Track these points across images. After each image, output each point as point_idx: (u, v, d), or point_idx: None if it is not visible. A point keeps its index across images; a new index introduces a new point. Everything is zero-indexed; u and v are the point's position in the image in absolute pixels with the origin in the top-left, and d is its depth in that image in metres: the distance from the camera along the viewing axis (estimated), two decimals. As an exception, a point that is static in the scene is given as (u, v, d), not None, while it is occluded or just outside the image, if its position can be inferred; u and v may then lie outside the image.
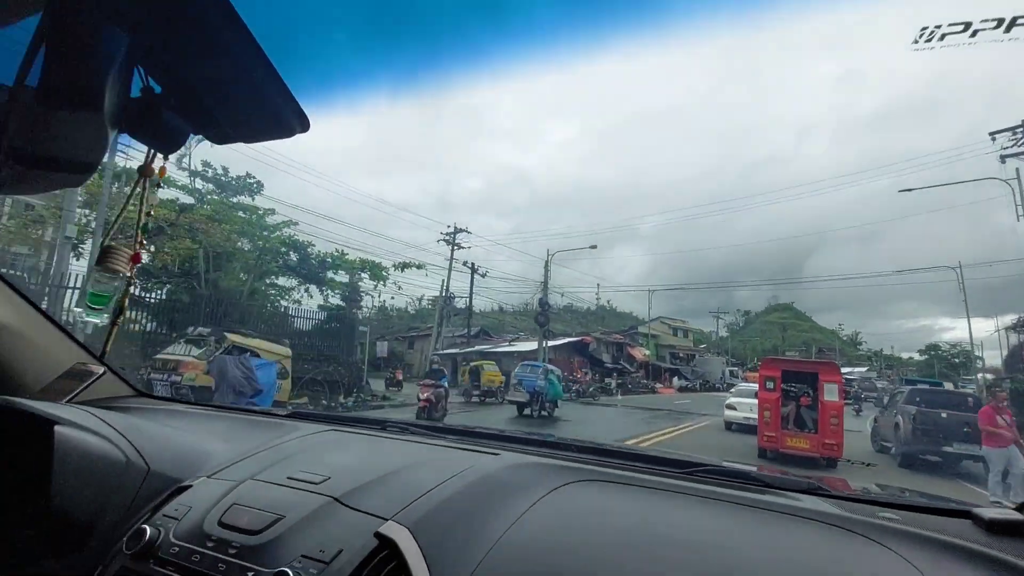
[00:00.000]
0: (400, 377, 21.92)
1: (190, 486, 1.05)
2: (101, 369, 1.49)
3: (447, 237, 34.96)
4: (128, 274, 0.78)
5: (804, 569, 0.79)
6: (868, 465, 9.15)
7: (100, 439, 1.04)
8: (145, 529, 0.91)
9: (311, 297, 22.11)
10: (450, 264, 34.87)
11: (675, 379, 40.32)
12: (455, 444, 1.30)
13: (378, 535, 0.83)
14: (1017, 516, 0.89)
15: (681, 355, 49.63)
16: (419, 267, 27.25)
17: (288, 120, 0.63)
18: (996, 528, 0.87)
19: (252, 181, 19.88)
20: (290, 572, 0.77)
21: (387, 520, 0.87)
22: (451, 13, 0.98)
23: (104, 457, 1.02)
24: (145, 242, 0.71)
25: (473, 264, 36.26)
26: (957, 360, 71.11)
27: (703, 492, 1.02)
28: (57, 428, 0.96)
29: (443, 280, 35.58)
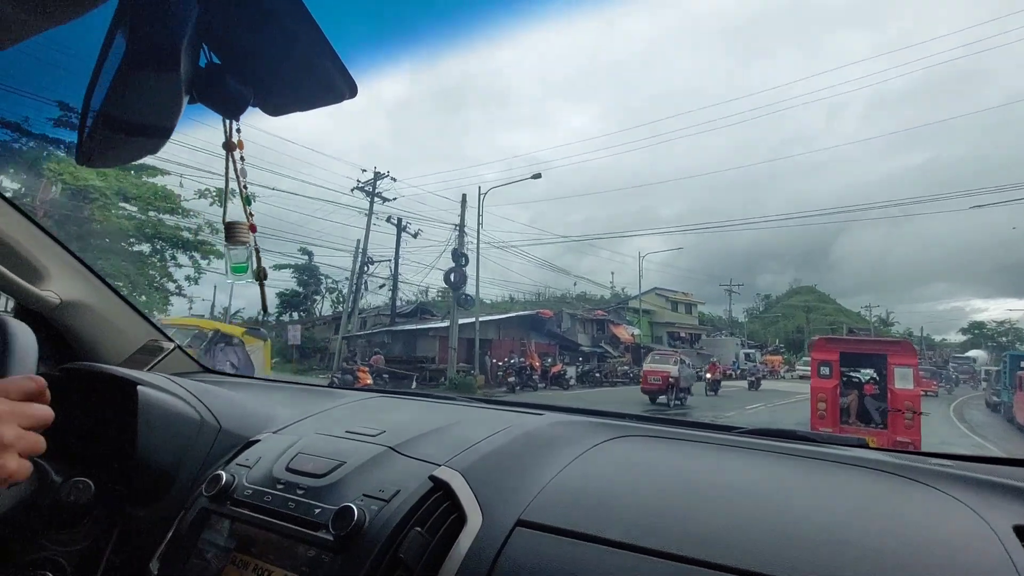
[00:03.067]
0: (365, 379, 15.59)
1: (258, 440, 1.14)
2: (171, 345, 1.68)
3: (365, 186, 26.04)
4: (253, 243, 0.83)
5: (858, 511, 0.80)
6: (922, 414, 7.51)
7: (176, 399, 1.15)
8: (221, 475, 0.99)
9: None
10: (368, 221, 26.06)
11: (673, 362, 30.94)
12: (499, 407, 1.40)
13: (432, 478, 0.88)
14: None
15: (682, 335, 40.44)
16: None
17: (338, 86, 0.65)
18: None
19: None
20: (354, 507, 0.83)
21: (440, 465, 0.93)
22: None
23: (181, 415, 1.13)
24: (252, 213, 0.78)
25: (400, 220, 26.99)
26: (1006, 339, 68.02)
27: (750, 444, 1.05)
28: (140, 388, 1.08)
29: (358, 242, 26.69)
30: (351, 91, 0.66)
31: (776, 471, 0.94)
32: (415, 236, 27.03)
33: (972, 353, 41.00)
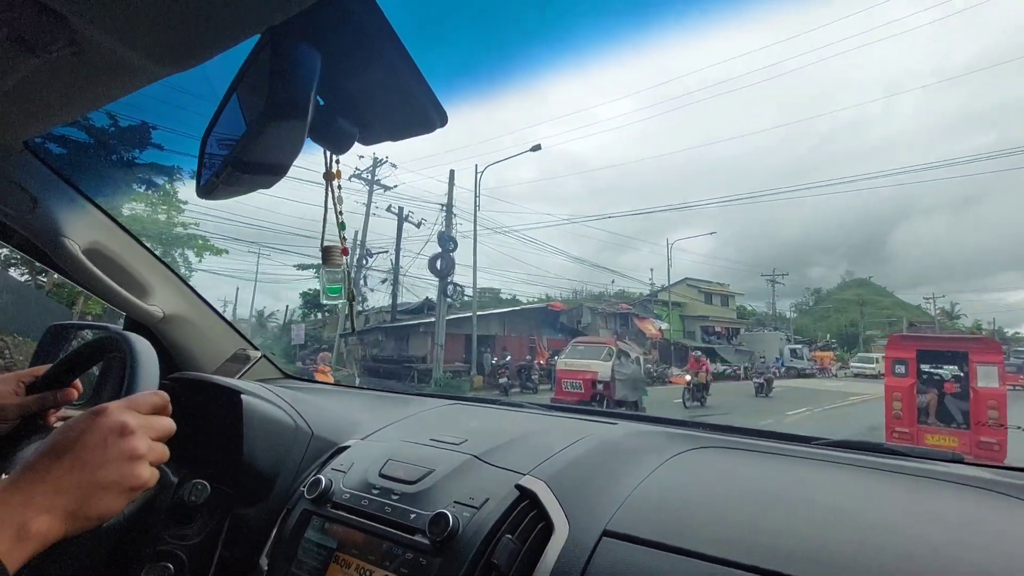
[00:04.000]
0: (324, 377, 12.17)
1: (348, 446, 1.18)
2: (258, 354, 1.76)
3: (364, 173, 24.13)
4: (345, 265, 0.90)
5: (954, 529, 0.77)
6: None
7: (273, 407, 1.22)
8: (321, 479, 1.03)
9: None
10: (367, 209, 24.11)
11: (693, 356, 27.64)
12: (572, 416, 1.40)
13: (519, 487, 0.89)
14: None
15: (718, 329, 36.71)
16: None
17: (430, 116, 0.69)
18: None
19: None
20: (448, 513, 0.84)
21: (525, 475, 0.93)
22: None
23: (278, 421, 1.20)
24: (345, 238, 0.85)
25: (401, 209, 24.87)
26: None
27: (833, 458, 1.02)
28: (244, 397, 1.15)
29: (356, 233, 24.75)
30: (442, 120, 0.69)
31: (864, 486, 0.92)
32: (418, 226, 24.90)
33: None
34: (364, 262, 25.07)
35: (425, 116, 0.68)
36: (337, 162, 0.76)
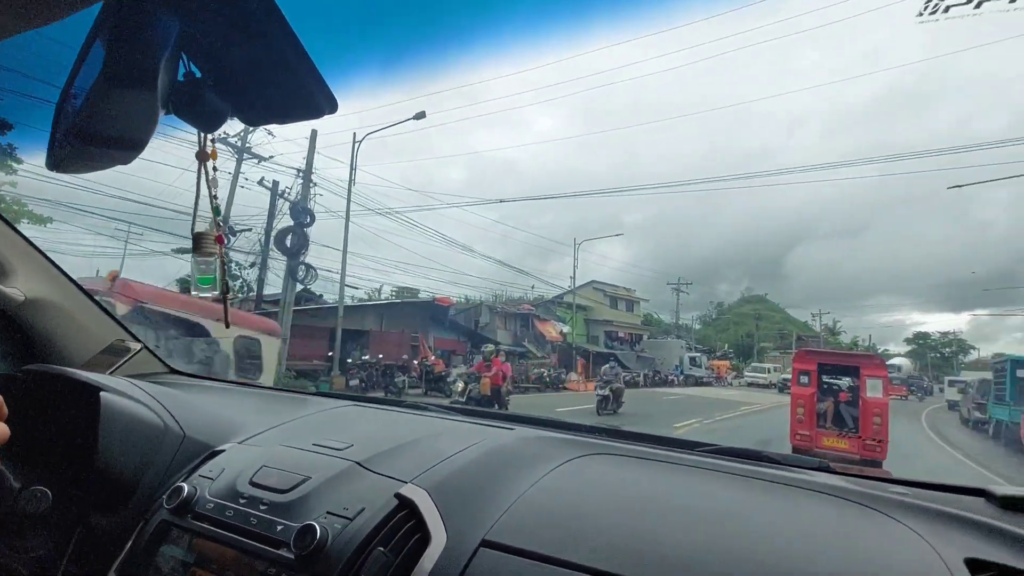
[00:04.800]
0: None
1: (223, 451, 1.12)
2: (138, 346, 1.63)
3: (233, 139, 20.13)
4: (219, 254, 0.85)
5: (815, 538, 0.81)
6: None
7: (140, 406, 1.14)
8: (183, 487, 0.97)
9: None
10: (234, 180, 20.15)
11: (605, 368, 26.24)
12: (470, 420, 1.37)
13: (398, 496, 0.87)
14: None
15: (621, 335, 35.88)
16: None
17: (318, 101, 0.66)
18: (1010, 504, 0.89)
19: None
20: (316, 525, 0.82)
21: (406, 483, 0.91)
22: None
23: (144, 422, 1.12)
24: (220, 224, 0.80)
25: (276, 184, 21.07)
26: (949, 349, 70.66)
27: (715, 466, 1.06)
28: (103, 394, 1.08)
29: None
30: (331, 107, 0.66)
31: (740, 495, 0.95)
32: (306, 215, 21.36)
33: (895, 361, 39.20)
34: (228, 240, 21.21)
35: (312, 101, 0.64)
36: (212, 142, 0.71)
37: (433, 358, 18.60)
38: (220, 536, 0.89)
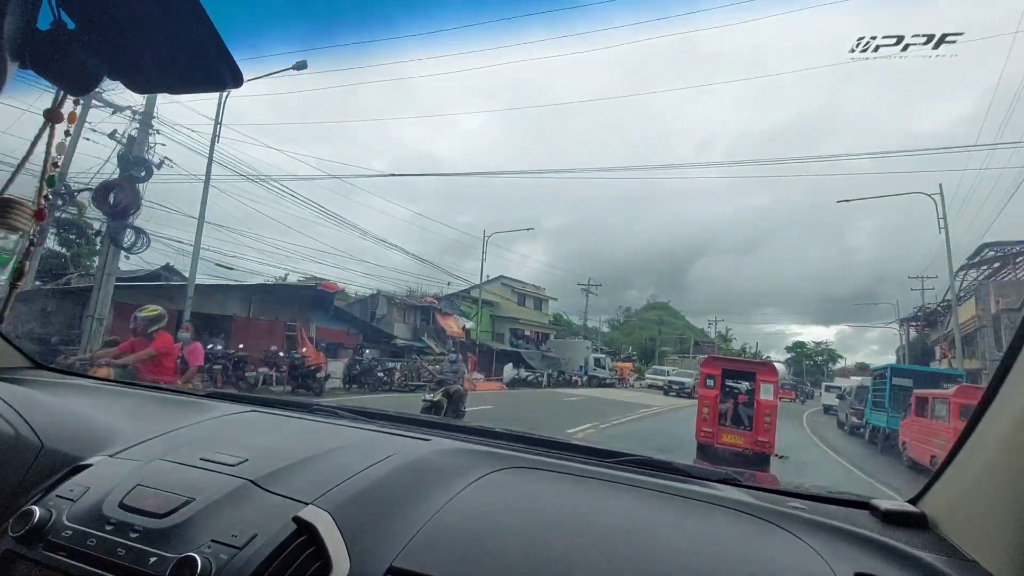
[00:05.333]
0: None
1: (89, 465, 0.98)
2: None
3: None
4: (31, 232, 0.74)
5: (717, 552, 0.84)
6: (781, 457, 9.23)
7: None
8: (33, 510, 0.84)
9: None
10: (77, 131, 16.18)
11: (508, 367, 25.03)
12: (384, 429, 1.29)
13: (296, 519, 0.79)
14: (909, 508, 0.98)
15: (528, 333, 35.03)
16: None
17: (219, 73, 0.61)
18: (890, 518, 0.96)
19: None
20: (198, 557, 0.72)
21: (307, 504, 0.84)
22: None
23: None
24: (50, 196, 0.74)
25: (132, 139, 17.21)
26: (821, 357, 77.59)
27: (628, 480, 1.07)
28: None
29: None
30: (235, 80, 0.61)
31: (651, 512, 0.96)
32: (159, 167, 17.85)
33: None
34: (59, 204, 17.28)
35: (213, 72, 0.59)
36: (77, 103, 0.63)
37: (306, 350, 16.18)
38: (77, 570, 0.76)
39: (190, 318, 13.15)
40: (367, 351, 21.71)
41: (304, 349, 16.17)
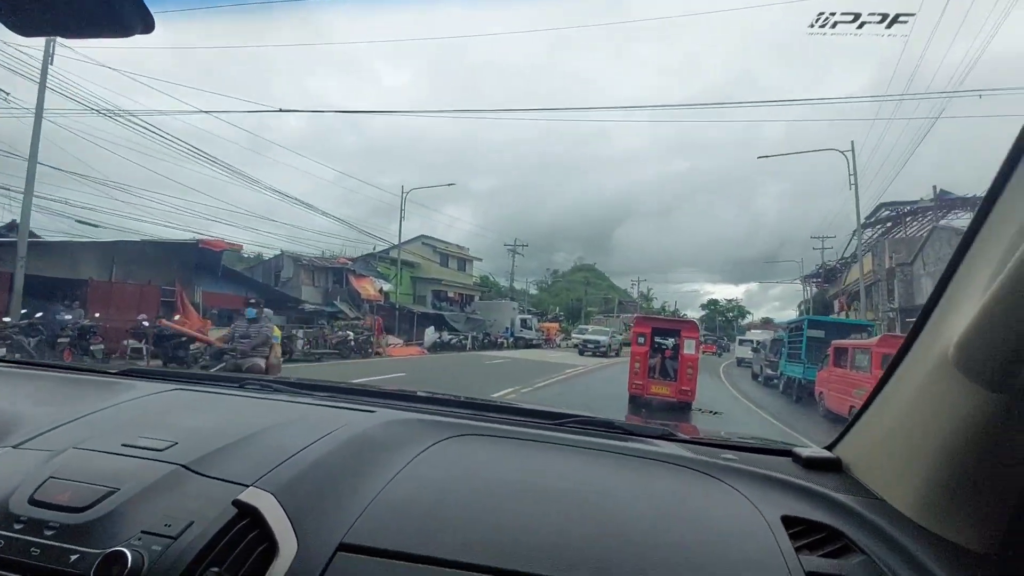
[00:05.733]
0: None
1: None
2: None
3: None
4: None
5: (658, 505, 0.89)
6: (715, 413, 9.27)
7: None
8: None
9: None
10: None
11: (429, 331, 23.62)
12: (326, 402, 1.26)
13: (237, 503, 0.74)
14: (826, 454, 1.07)
15: (451, 295, 33.68)
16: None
17: (126, 17, 0.53)
18: (810, 464, 1.05)
19: None
20: (127, 551, 0.65)
21: (248, 487, 0.79)
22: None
23: None
24: None
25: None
26: (732, 313, 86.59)
27: (572, 442, 1.10)
28: None
29: None
30: (146, 26, 0.54)
31: (595, 471, 1.00)
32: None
33: None
34: None
35: (117, 16, 0.52)
36: None
37: (179, 317, 13.88)
38: None
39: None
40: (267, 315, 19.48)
41: (177, 316, 13.85)
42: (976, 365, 0.66)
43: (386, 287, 26.84)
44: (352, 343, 18.02)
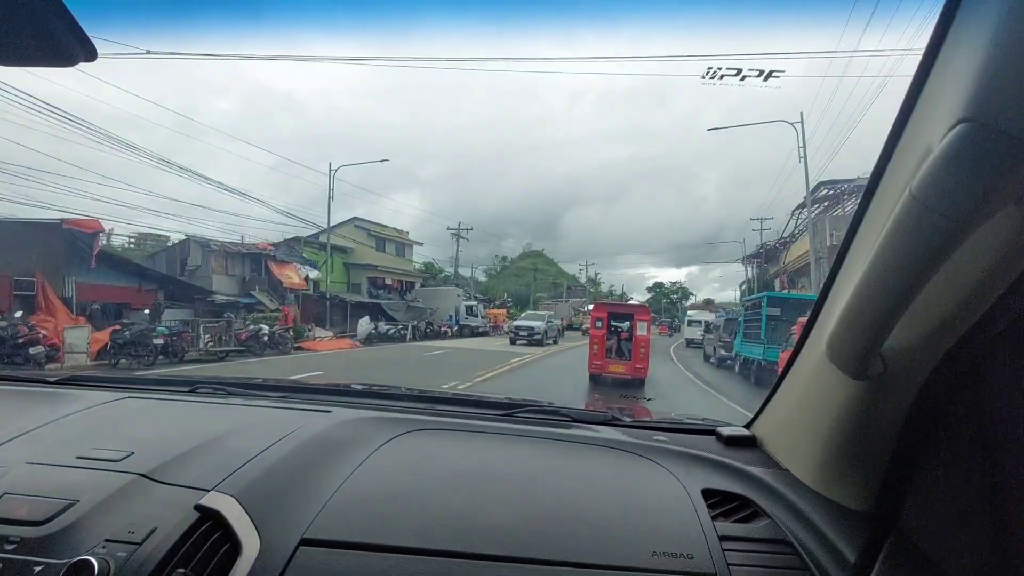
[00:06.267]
0: None
1: None
2: None
3: None
4: None
5: (596, 485, 0.97)
6: (649, 400, 8.47)
7: None
8: None
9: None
10: None
11: (363, 321, 21.49)
12: (281, 404, 1.27)
13: (199, 507, 0.77)
14: (743, 432, 1.19)
15: (389, 282, 31.40)
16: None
17: (68, 46, 0.53)
18: (730, 442, 1.16)
19: None
20: (93, 559, 0.66)
21: (208, 491, 0.81)
22: None
23: None
24: None
25: None
26: (677, 296, 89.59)
27: (519, 431, 1.17)
28: None
29: None
30: (87, 53, 0.53)
31: (541, 459, 1.06)
32: None
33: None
34: None
35: (56, 45, 0.51)
36: None
37: (41, 315, 11.28)
38: None
39: None
40: (163, 311, 16.78)
41: (40, 314, 11.24)
42: (841, 358, 0.73)
43: (313, 275, 24.28)
44: (266, 338, 15.70)
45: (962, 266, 0.58)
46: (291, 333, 17.42)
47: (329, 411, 1.17)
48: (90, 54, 0.52)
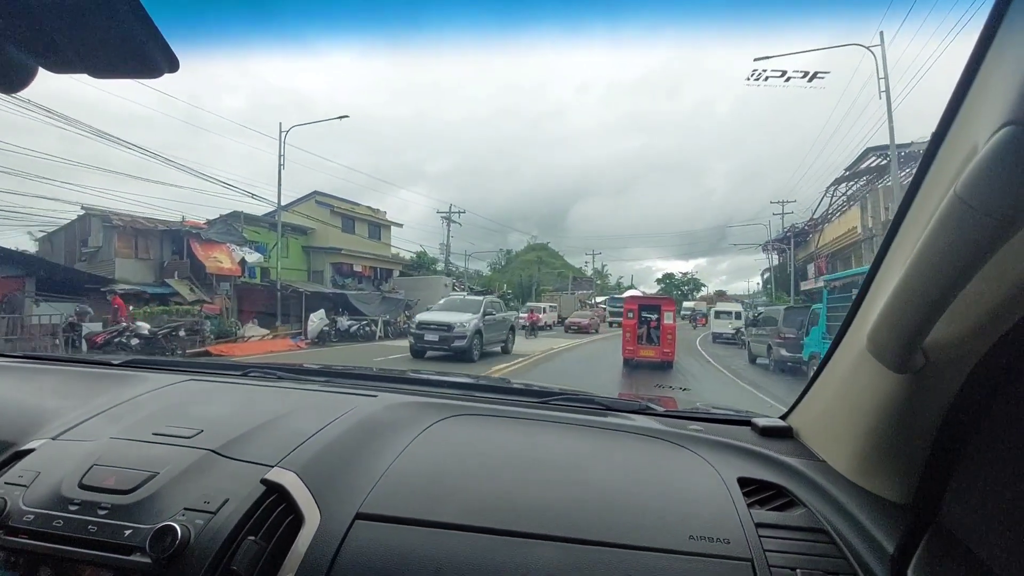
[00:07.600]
0: None
1: (32, 450, 0.97)
2: None
3: None
4: None
5: (631, 471, 1.00)
6: (684, 390, 9.93)
7: None
8: None
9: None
10: None
11: (316, 316, 17.10)
12: (329, 388, 1.36)
13: (265, 481, 0.85)
14: (779, 423, 1.19)
15: (359, 270, 26.94)
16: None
17: (153, 59, 0.57)
18: (766, 432, 1.17)
19: None
20: (176, 525, 0.75)
21: (272, 467, 0.89)
22: None
23: None
24: None
25: None
26: (688, 287, 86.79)
27: (557, 418, 1.21)
28: None
29: None
30: (171, 66, 0.58)
31: (578, 444, 1.10)
32: None
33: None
34: None
35: (146, 58, 0.56)
36: None
37: None
38: (51, 550, 0.76)
39: None
40: (22, 304, 12.50)
41: None
42: (883, 352, 0.74)
43: (252, 258, 19.86)
44: (165, 339, 11.38)
45: (1006, 265, 0.59)
46: (203, 331, 13.06)
47: (375, 395, 1.25)
48: (172, 64, 0.56)
